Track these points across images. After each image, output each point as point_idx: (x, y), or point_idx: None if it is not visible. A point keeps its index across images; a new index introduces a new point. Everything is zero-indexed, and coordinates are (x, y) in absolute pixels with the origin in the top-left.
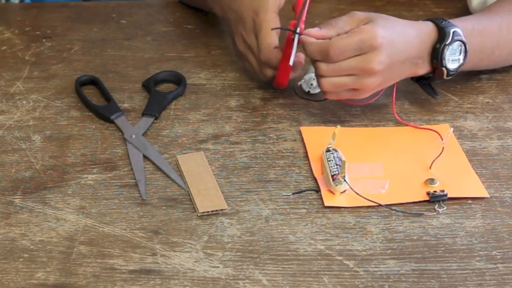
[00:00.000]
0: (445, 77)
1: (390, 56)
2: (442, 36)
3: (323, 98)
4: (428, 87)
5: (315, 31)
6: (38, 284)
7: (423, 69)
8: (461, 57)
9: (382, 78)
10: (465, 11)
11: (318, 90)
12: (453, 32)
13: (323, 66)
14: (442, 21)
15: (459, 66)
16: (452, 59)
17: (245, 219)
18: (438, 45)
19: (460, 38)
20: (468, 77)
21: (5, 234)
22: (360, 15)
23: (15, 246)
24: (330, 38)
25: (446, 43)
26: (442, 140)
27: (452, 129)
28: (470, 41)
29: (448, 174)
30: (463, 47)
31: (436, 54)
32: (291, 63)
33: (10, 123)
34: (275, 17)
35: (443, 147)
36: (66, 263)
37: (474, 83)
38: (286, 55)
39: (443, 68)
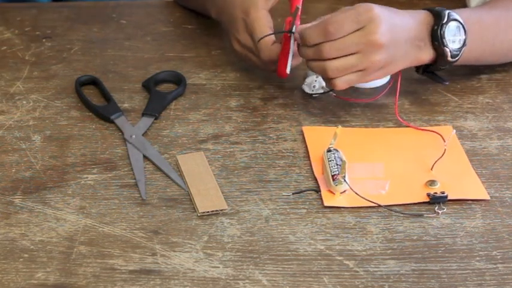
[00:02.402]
0: (449, 57)
1: (391, 30)
2: (437, 18)
3: (332, 94)
4: (436, 77)
5: (308, 24)
6: (38, 284)
7: (426, 53)
8: (462, 35)
9: (387, 54)
10: None
11: (320, 92)
12: (448, 13)
13: (326, 47)
14: (435, 8)
15: (462, 46)
16: (453, 39)
17: (245, 219)
18: (436, 27)
19: (455, 17)
20: (468, 77)
21: (5, 234)
22: (349, 7)
23: (15, 246)
24: None
25: (443, 22)
26: (444, 141)
27: (454, 131)
28: (469, 28)
29: (449, 176)
30: (461, 27)
31: (435, 36)
32: (287, 71)
33: (10, 123)
34: (266, 15)
35: (445, 149)
36: (66, 263)
37: (474, 83)
38: (284, 49)
39: (446, 48)
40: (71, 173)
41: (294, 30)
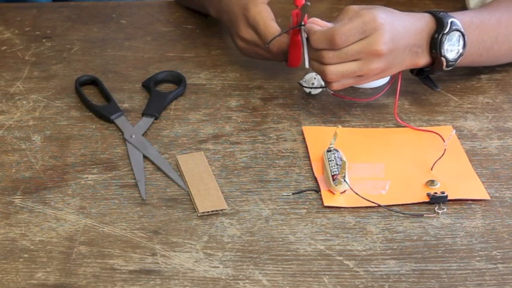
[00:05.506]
0: (444, 67)
1: (393, 39)
2: (439, 26)
3: (329, 91)
4: (428, 80)
5: (319, 20)
6: (38, 284)
7: (423, 59)
8: (460, 47)
9: (386, 62)
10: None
11: (319, 91)
12: (451, 22)
13: (329, 54)
14: (439, 13)
15: (459, 57)
16: (451, 49)
17: (245, 219)
18: (436, 35)
19: (457, 27)
20: (468, 77)
21: (5, 234)
22: (355, 7)
23: (15, 246)
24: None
25: (444, 32)
26: (444, 141)
27: (454, 131)
28: (469, 33)
29: (449, 176)
30: (461, 37)
31: (434, 44)
32: (306, 65)
33: (10, 123)
34: (266, 7)
35: (445, 149)
36: (66, 263)
37: (474, 83)
38: (294, 40)
39: (443, 58)
40: (71, 173)
41: (303, 23)
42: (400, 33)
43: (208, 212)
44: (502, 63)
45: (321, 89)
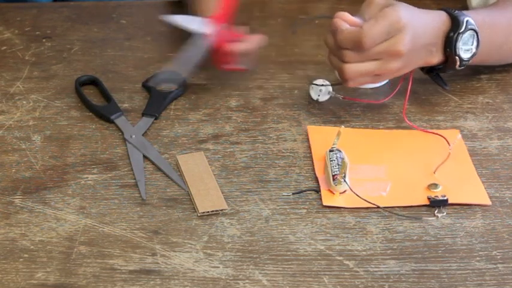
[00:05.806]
0: (457, 66)
1: (413, 38)
2: (455, 25)
3: (337, 96)
4: (439, 79)
5: (347, 15)
6: (38, 284)
7: (436, 57)
8: (474, 46)
9: (405, 61)
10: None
11: (326, 98)
12: (466, 21)
13: (351, 53)
14: (454, 11)
15: (472, 56)
16: (465, 49)
17: (245, 219)
18: (452, 34)
19: (472, 27)
20: (468, 77)
21: (5, 234)
22: (379, 1)
23: (15, 246)
24: (357, 26)
25: (460, 31)
26: (450, 145)
27: (459, 135)
28: (481, 32)
29: (452, 180)
30: (475, 37)
31: (449, 43)
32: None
33: (10, 123)
34: None
35: (449, 153)
36: (66, 263)
37: (474, 83)
38: (219, 43)
39: (456, 57)
40: (71, 173)
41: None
42: (419, 32)
43: (208, 212)
44: (509, 63)
45: (328, 96)
